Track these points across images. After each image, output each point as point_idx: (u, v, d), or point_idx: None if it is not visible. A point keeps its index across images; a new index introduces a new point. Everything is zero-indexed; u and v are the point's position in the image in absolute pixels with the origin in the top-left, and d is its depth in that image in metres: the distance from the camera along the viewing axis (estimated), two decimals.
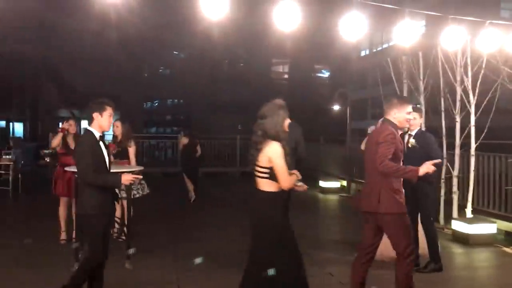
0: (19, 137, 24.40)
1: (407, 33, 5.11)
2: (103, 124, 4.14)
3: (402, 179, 4.08)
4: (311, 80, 38.83)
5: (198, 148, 10.64)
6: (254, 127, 3.74)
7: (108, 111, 4.15)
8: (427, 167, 3.87)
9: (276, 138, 3.64)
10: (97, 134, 4.09)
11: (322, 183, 12.03)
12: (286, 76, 40.76)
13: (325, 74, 41.24)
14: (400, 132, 4.37)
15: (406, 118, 4.15)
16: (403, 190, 4.11)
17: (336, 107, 16.27)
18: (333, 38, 5.13)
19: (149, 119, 41.26)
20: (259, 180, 3.68)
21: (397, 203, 4.00)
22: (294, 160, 5.35)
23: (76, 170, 4.32)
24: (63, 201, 6.51)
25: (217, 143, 16.97)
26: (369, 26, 4.79)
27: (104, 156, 4.11)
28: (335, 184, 12.28)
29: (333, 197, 11.56)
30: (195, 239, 7.00)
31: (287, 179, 3.61)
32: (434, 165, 3.96)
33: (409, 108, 4.16)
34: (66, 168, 5.87)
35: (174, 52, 38.67)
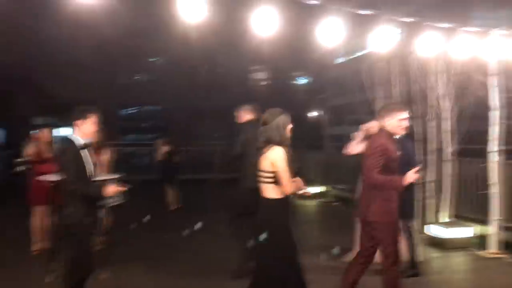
0: None
1: (383, 40, 5.18)
2: (87, 131, 4.08)
3: None
4: (289, 87, 39.01)
5: (178, 155, 10.57)
6: (257, 134, 3.80)
7: (92, 118, 4.10)
8: (410, 177, 3.95)
9: (279, 143, 3.68)
10: (80, 142, 4.02)
11: None
12: (264, 82, 40.86)
13: (303, 80, 41.53)
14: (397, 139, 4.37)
15: (398, 125, 4.16)
16: (395, 200, 4.15)
17: (314, 113, 16.42)
18: (311, 45, 5.16)
19: (126, 126, 40.78)
20: (264, 186, 3.72)
21: (386, 211, 4.07)
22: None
23: (51, 178, 4.23)
24: (37, 210, 6.35)
25: (197, 149, 16.86)
26: (346, 33, 4.83)
27: (85, 165, 4.02)
28: (313, 190, 12.31)
29: (312, 203, 11.59)
30: (176, 246, 6.94)
31: (289, 183, 3.63)
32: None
33: (402, 114, 4.17)
34: (41, 177, 5.74)
35: (152, 58, 38.39)
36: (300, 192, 3.85)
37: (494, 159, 6.56)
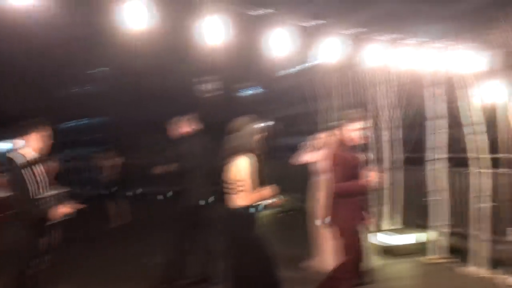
0: None
1: (329, 51, 5.25)
2: (38, 146, 3.85)
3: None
4: (238, 97, 39.11)
5: (124, 168, 10.34)
6: (225, 142, 3.71)
7: (43, 131, 3.88)
8: (372, 178, 4.08)
9: (249, 152, 3.62)
10: (22, 159, 3.77)
11: None
12: (213, 93, 40.74)
13: (252, 91, 41.77)
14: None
15: (353, 134, 4.26)
16: (357, 205, 4.25)
17: (262, 124, 16.48)
18: (260, 55, 5.15)
19: (70, 140, 39.44)
20: (230, 195, 3.64)
21: (341, 218, 4.19)
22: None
23: None
24: None
25: (145, 162, 16.45)
26: (294, 44, 4.86)
27: (28, 184, 3.76)
28: (267, 200, 12.25)
29: (266, 213, 11.57)
30: (123, 262, 6.77)
31: (247, 194, 3.55)
32: None
33: (353, 125, 4.25)
34: None
35: (96, 69, 37.39)
36: (268, 201, 3.78)
37: (432, 167, 6.80)
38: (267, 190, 3.69)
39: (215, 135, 5.16)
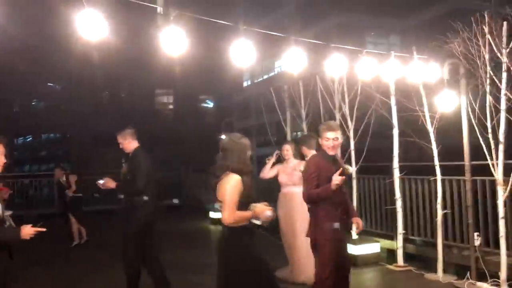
0: None
1: (290, 62, 5.23)
2: None
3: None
4: (197, 110, 38.86)
5: (81, 185, 10.04)
6: (216, 160, 3.56)
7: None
8: (336, 179, 4.00)
9: (238, 171, 3.44)
10: None
11: (213, 214, 11.84)
12: (171, 106, 40.30)
13: (211, 104, 41.63)
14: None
15: (325, 144, 4.27)
16: (334, 218, 4.19)
17: (222, 136, 16.42)
18: (219, 68, 5.09)
19: (22, 156, 38.13)
20: (221, 214, 3.46)
21: (317, 231, 4.16)
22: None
23: None
24: None
25: (101, 178, 15.98)
26: (255, 55, 4.81)
27: None
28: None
29: (218, 228, 11.43)
30: (84, 282, 6.59)
31: (230, 213, 3.36)
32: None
33: (328, 134, 4.25)
34: None
35: (50, 84, 36.34)
36: (257, 221, 3.58)
37: (392, 176, 6.89)
38: (257, 208, 3.52)
39: (176, 148, 5.04)
